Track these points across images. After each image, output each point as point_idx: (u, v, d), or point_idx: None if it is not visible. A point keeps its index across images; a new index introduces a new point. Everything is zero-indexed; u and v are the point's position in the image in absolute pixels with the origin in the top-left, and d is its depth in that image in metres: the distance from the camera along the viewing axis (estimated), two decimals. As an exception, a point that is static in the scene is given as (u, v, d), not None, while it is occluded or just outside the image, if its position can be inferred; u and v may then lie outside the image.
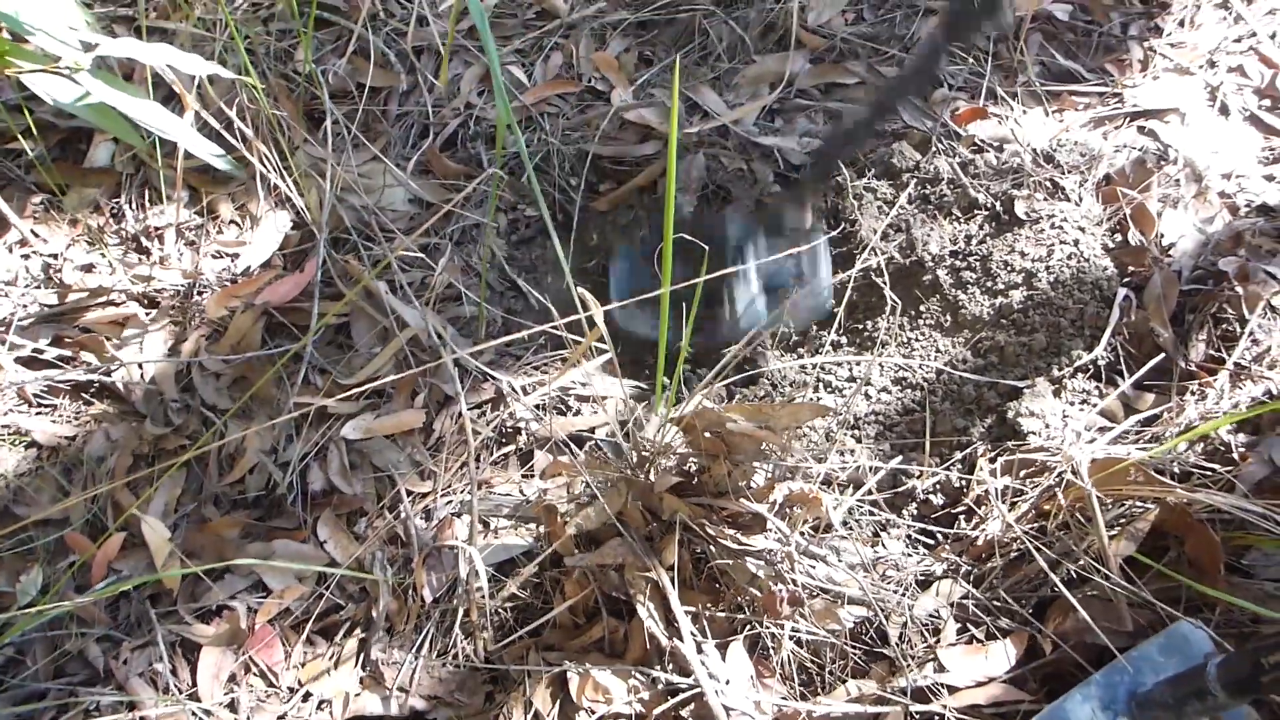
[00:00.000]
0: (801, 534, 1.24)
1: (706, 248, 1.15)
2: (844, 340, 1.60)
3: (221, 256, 1.69)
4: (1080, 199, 1.60)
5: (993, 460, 1.38)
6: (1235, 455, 1.30)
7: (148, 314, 1.62)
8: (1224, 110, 1.75)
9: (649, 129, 1.81)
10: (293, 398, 1.51)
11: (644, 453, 1.25)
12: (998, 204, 1.59)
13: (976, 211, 1.60)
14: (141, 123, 1.34)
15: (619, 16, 1.97)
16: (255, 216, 1.71)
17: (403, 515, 1.42)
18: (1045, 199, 1.58)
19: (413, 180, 1.74)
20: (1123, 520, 1.27)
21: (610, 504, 1.24)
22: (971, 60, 1.88)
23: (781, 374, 1.55)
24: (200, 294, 1.63)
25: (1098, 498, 1.25)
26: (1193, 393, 1.42)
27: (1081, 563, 1.26)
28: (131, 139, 1.47)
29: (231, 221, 1.72)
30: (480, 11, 1.25)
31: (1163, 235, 1.56)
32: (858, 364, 1.52)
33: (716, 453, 1.21)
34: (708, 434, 1.19)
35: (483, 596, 1.25)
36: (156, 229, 1.70)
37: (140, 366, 1.56)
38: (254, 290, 1.61)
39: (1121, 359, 1.47)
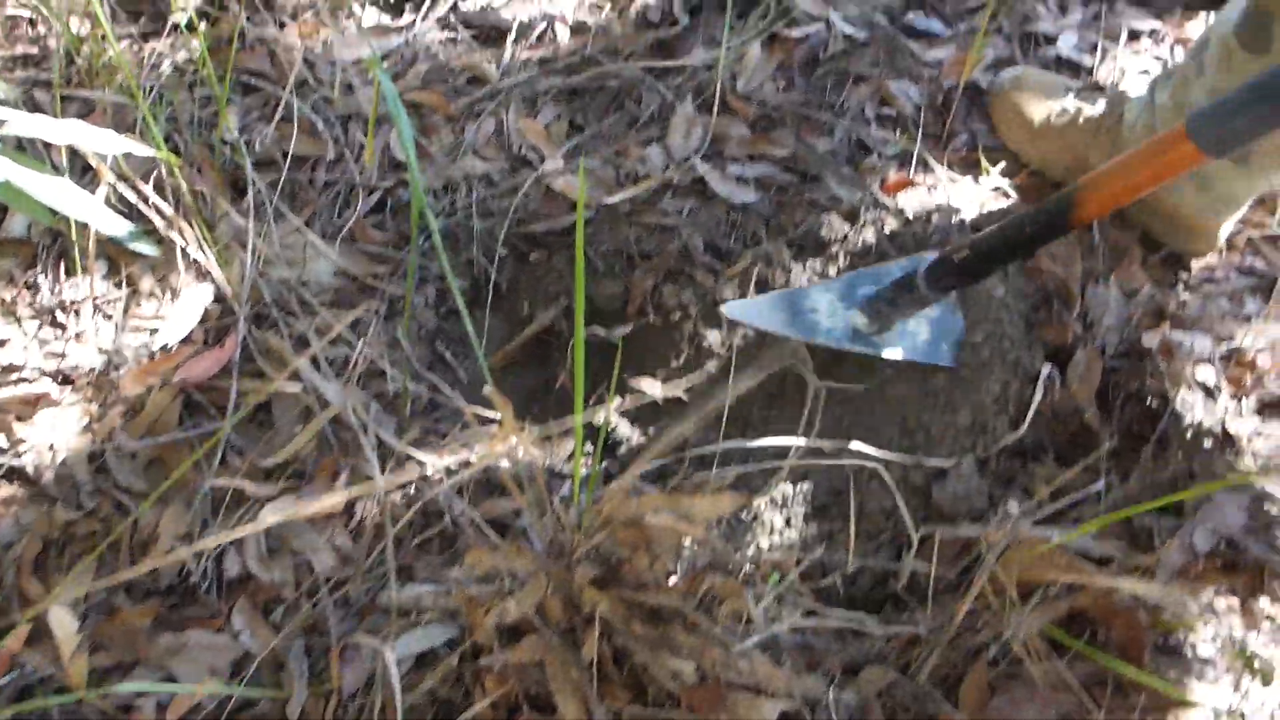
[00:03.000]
0: (723, 626, 1.22)
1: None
2: (773, 415, 1.59)
3: (140, 331, 1.65)
4: (1006, 272, 1.61)
5: (920, 543, 1.37)
6: (1157, 540, 1.30)
7: (61, 392, 1.58)
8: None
9: (573, 200, 1.80)
10: (210, 480, 1.48)
11: (563, 543, 1.23)
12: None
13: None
14: (49, 203, 1.31)
15: (550, 83, 1.96)
16: (175, 290, 1.67)
17: (321, 603, 1.39)
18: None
19: (340, 251, 1.71)
20: (1043, 604, 1.27)
21: (530, 596, 1.22)
22: (900, 131, 1.89)
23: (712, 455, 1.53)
24: (117, 370, 1.59)
25: (1018, 581, 1.25)
26: (1117, 471, 1.43)
27: (1002, 646, 1.26)
28: (41, 216, 1.43)
29: (151, 295, 1.69)
30: (393, 93, 1.24)
31: (1087, 310, 1.57)
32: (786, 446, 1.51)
33: (636, 544, 1.19)
34: (626, 525, 1.18)
35: (397, 694, 1.21)
36: (73, 303, 1.66)
37: (51, 448, 1.52)
38: (172, 367, 1.57)
39: (1046, 437, 1.47)
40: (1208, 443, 1.44)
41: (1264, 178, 1.57)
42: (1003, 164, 1.85)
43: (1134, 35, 2.08)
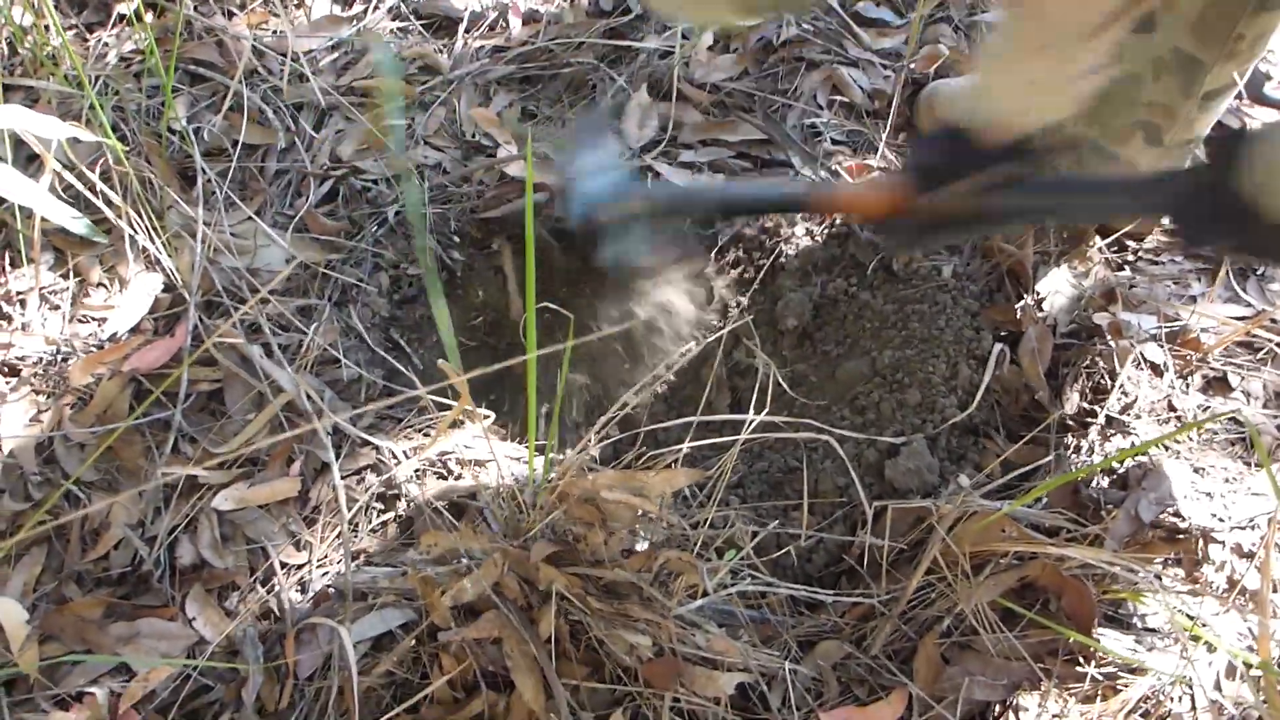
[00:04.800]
0: (679, 601, 1.23)
1: None
2: (727, 397, 1.60)
3: (88, 321, 1.63)
4: (959, 252, 1.63)
5: (874, 518, 1.38)
6: (1104, 511, 1.32)
7: (8, 383, 1.55)
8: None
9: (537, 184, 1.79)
10: (161, 467, 1.46)
11: (519, 522, 1.23)
12: (880, 258, 1.61)
13: (859, 266, 1.62)
14: (-8, 189, 1.30)
15: (502, 71, 1.96)
16: (124, 279, 1.66)
17: (276, 589, 1.38)
18: (924, 255, 1.60)
19: (291, 239, 1.70)
20: (994, 575, 1.29)
21: (486, 575, 1.22)
22: (854, 117, 1.91)
23: (666, 432, 1.54)
24: (65, 361, 1.57)
25: (970, 553, 1.26)
26: (1066, 446, 1.45)
27: (955, 618, 1.27)
28: (-16, 203, 1.41)
29: (100, 284, 1.67)
30: (392, 63, 1.22)
31: (1038, 291, 1.59)
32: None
33: (591, 520, 1.19)
34: (581, 503, 1.18)
35: (353, 675, 1.21)
36: (19, 293, 1.64)
37: (-2, 439, 1.50)
38: (121, 356, 1.56)
39: (997, 413, 1.49)
40: (1154, 417, 1.46)
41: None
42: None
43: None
